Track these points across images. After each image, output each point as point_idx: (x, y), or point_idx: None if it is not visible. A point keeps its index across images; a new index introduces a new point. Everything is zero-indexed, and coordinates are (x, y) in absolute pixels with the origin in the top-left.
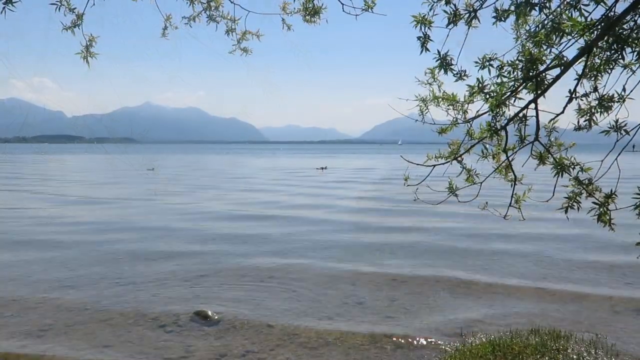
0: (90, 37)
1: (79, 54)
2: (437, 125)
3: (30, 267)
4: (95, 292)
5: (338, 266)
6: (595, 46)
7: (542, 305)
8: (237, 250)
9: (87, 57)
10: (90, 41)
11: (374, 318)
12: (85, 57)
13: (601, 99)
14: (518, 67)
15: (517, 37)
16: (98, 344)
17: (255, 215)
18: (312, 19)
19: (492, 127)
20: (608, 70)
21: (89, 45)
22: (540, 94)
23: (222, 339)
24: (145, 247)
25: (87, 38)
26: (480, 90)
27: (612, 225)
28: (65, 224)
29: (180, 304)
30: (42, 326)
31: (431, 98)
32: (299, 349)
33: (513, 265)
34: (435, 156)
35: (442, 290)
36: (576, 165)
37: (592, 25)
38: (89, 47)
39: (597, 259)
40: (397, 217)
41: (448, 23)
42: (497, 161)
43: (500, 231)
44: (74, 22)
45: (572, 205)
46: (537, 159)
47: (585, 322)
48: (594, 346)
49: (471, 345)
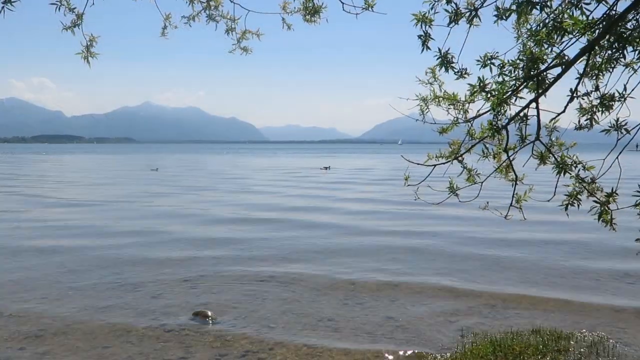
0: (90, 37)
1: (79, 54)
2: (437, 124)
3: (28, 271)
4: (94, 293)
5: (338, 268)
6: (597, 45)
7: (543, 307)
8: (237, 251)
9: (87, 57)
10: (91, 41)
11: (374, 319)
12: (86, 57)
13: (602, 98)
14: (519, 66)
15: (518, 36)
16: (97, 345)
17: (256, 218)
18: (312, 18)
19: (493, 126)
20: (609, 69)
21: (90, 45)
22: (541, 93)
23: (221, 339)
24: (144, 249)
25: (88, 38)
26: (482, 89)
27: (613, 224)
28: (68, 227)
29: (180, 305)
30: (41, 326)
31: (432, 97)
32: (299, 350)
33: (513, 266)
34: (435, 156)
35: (442, 292)
36: (578, 164)
37: (593, 24)
38: (89, 47)
39: (599, 261)
40: (396, 220)
41: (449, 22)
42: (497, 161)
43: (500, 233)
44: (74, 22)
45: (572, 203)
46: (538, 158)
47: (586, 323)
48: (595, 347)
49: (472, 346)
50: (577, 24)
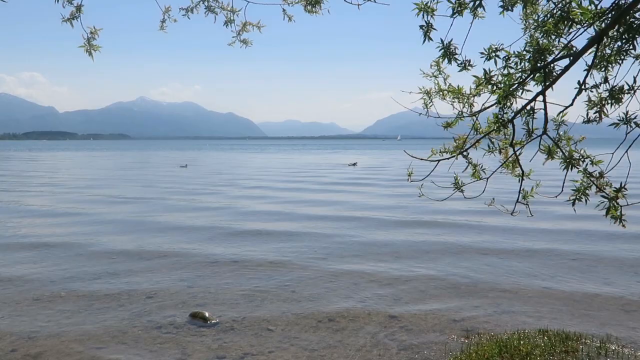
0: (92, 29)
1: (82, 47)
2: (442, 119)
3: (20, 267)
4: (89, 292)
5: (339, 266)
6: (606, 36)
7: (550, 304)
8: (237, 251)
9: (90, 51)
10: (93, 34)
11: (377, 319)
12: (88, 50)
13: (612, 91)
14: (525, 57)
15: (525, 27)
16: (91, 346)
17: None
18: (313, 9)
19: (499, 120)
20: (619, 61)
21: (92, 38)
22: (548, 86)
23: (219, 341)
24: (140, 246)
25: (89, 30)
26: (487, 81)
27: (622, 220)
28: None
29: (177, 305)
30: (33, 327)
31: (436, 91)
32: (299, 352)
33: (520, 264)
34: (440, 151)
35: (446, 289)
36: (586, 159)
37: (602, 13)
38: (91, 40)
39: (607, 257)
40: (398, 212)
41: (453, 13)
42: (504, 156)
43: (507, 228)
44: (73, 14)
45: (580, 198)
46: (546, 153)
47: (595, 322)
48: (604, 347)
49: (477, 347)
50: (585, 13)
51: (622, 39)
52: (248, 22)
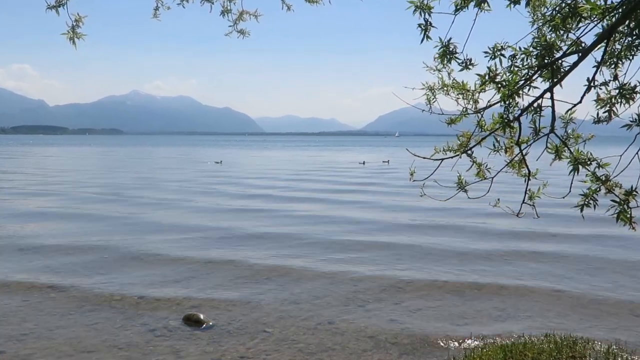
0: (77, 16)
1: (64, 34)
2: (445, 115)
3: (10, 266)
4: (79, 294)
5: (338, 267)
6: (616, 31)
7: (557, 308)
8: (236, 250)
9: (73, 39)
10: (77, 21)
11: (377, 321)
12: (71, 37)
13: (622, 88)
14: (532, 54)
15: (533, 21)
16: (82, 349)
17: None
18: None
19: (504, 119)
20: (629, 57)
21: (76, 25)
22: (556, 83)
23: (215, 344)
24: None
25: (74, 18)
26: (492, 79)
27: (633, 223)
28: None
29: (171, 307)
30: (22, 330)
31: (440, 86)
32: (297, 355)
33: (527, 266)
34: (443, 149)
35: (449, 292)
36: (593, 161)
37: (611, 8)
38: (75, 28)
39: (615, 259)
40: (400, 214)
41: (456, 9)
42: (509, 155)
43: (513, 230)
44: (59, 1)
45: (589, 203)
46: (553, 152)
47: (603, 326)
48: (612, 353)
49: (481, 351)
50: (594, 8)
51: (633, 35)
52: (245, 11)
